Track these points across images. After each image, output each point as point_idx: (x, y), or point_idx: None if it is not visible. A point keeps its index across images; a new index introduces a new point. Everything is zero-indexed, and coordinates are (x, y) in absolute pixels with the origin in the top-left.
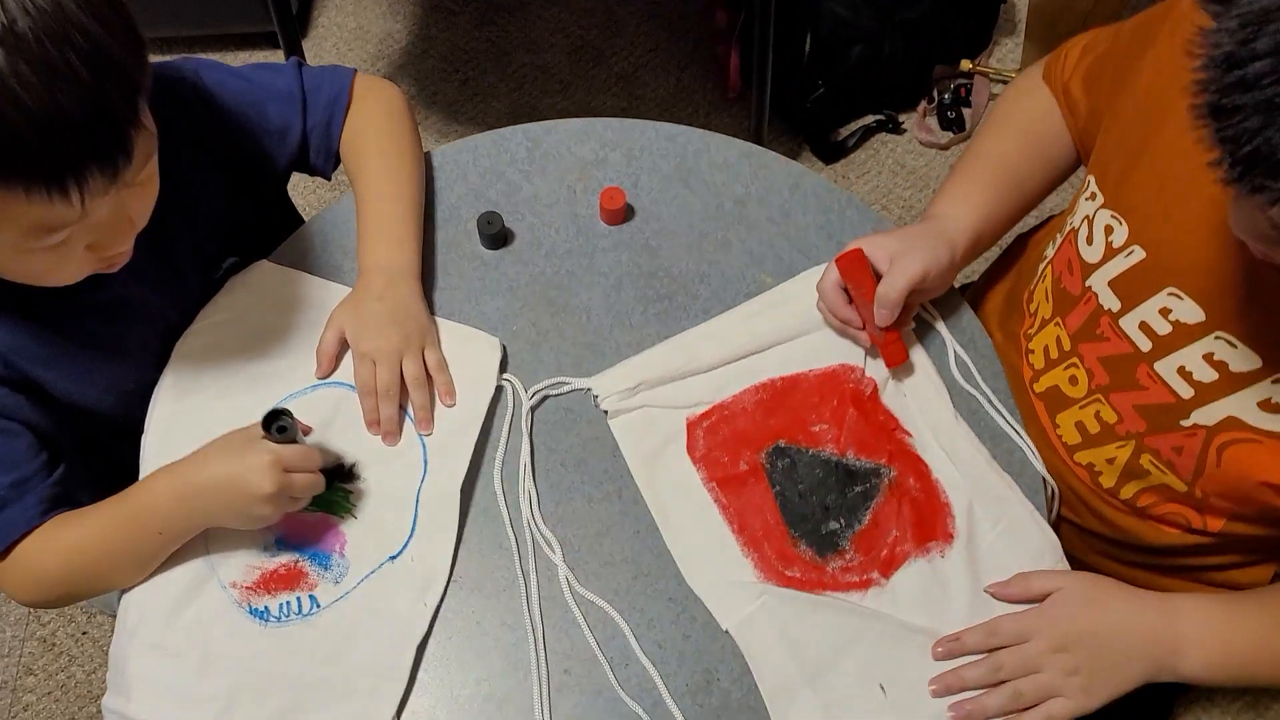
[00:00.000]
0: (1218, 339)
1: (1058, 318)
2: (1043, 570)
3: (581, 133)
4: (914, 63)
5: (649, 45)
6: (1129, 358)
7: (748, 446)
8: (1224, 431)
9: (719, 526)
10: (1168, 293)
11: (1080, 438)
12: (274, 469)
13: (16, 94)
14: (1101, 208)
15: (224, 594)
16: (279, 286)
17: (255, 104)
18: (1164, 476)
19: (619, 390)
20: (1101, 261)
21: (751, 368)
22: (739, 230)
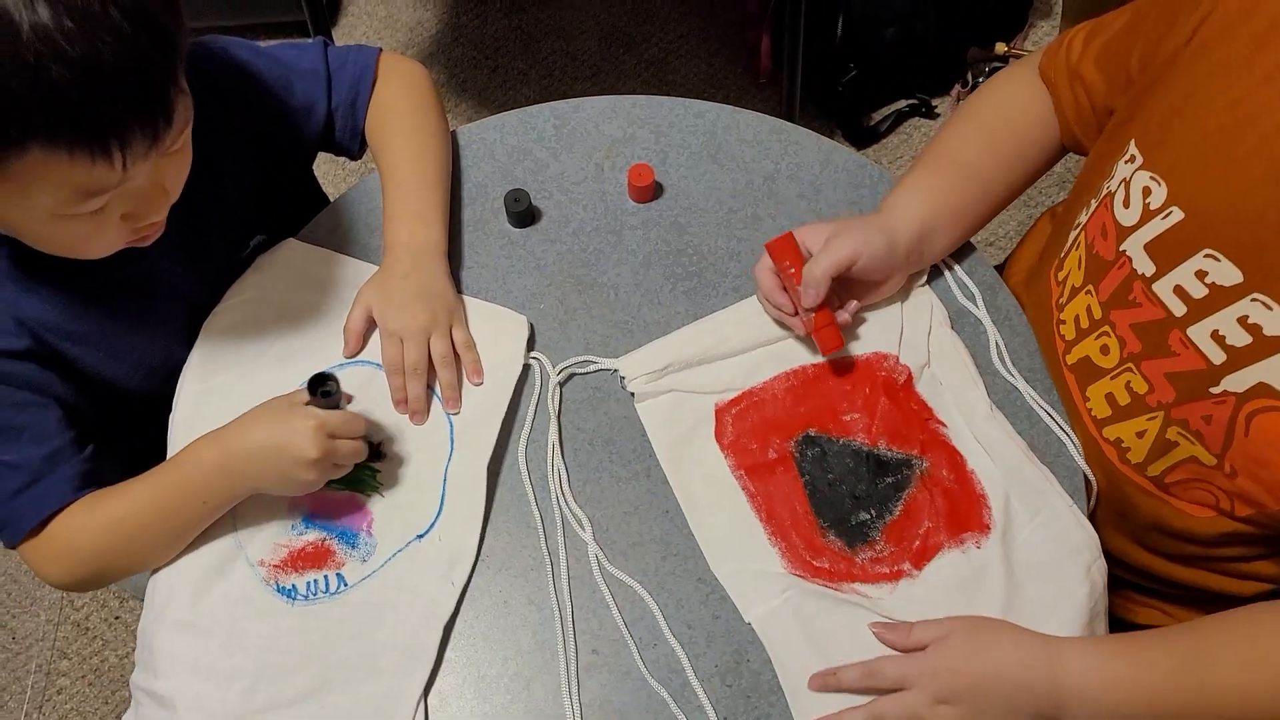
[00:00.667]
0: (1254, 301)
1: (1089, 285)
2: (927, 620)
3: (609, 110)
4: (948, 45)
5: (679, 31)
6: (1162, 324)
7: (777, 434)
8: (1254, 399)
9: (746, 514)
10: (1204, 254)
11: (1110, 410)
12: (319, 433)
13: (61, 47)
14: (1140, 169)
15: (252, 572)
16: (306, 265)
17: (281, 81)
18: (1192, 448)
19: (646, 372)
20: (1138, 225)
21: (782, 353)
22: (769, 206)
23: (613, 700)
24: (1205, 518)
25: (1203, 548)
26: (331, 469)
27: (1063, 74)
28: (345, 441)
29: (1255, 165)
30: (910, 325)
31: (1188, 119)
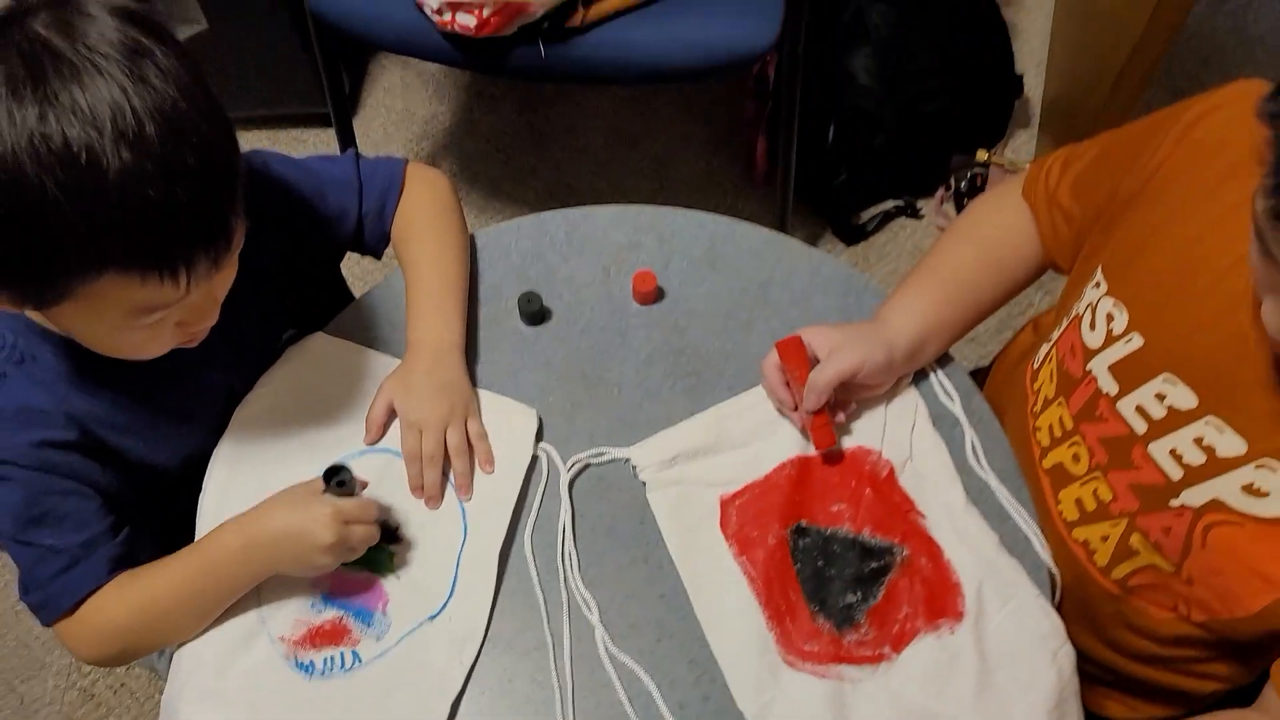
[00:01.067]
0: (1208, 424)
1: (1061, 398)
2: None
3: (617, 218)
4: (932, 152)
5: (682, 131)
6: (1125, 439)
7: (775, 522)
8: (1209, 513)
9: (747, 599)
10: (1163, 378)
11: (1079, 514)
12: (334, 520)
13: (142, 188)
14: (1105, 295)
15: (273, 647)
16: (333, 357)
17: (316, 191)
18: (1152, 557)
19: (657, 461)
20: (1102, 347)
21: (779, 446)
22: (763, 312)
23: None
24: (1165, 619)
25: (1162, 647)
26: (346, 553)
27: (1042, 200)
28: (359, 527)
29: (1209, 300)
30: (894, 422)
31: (1148, 253)
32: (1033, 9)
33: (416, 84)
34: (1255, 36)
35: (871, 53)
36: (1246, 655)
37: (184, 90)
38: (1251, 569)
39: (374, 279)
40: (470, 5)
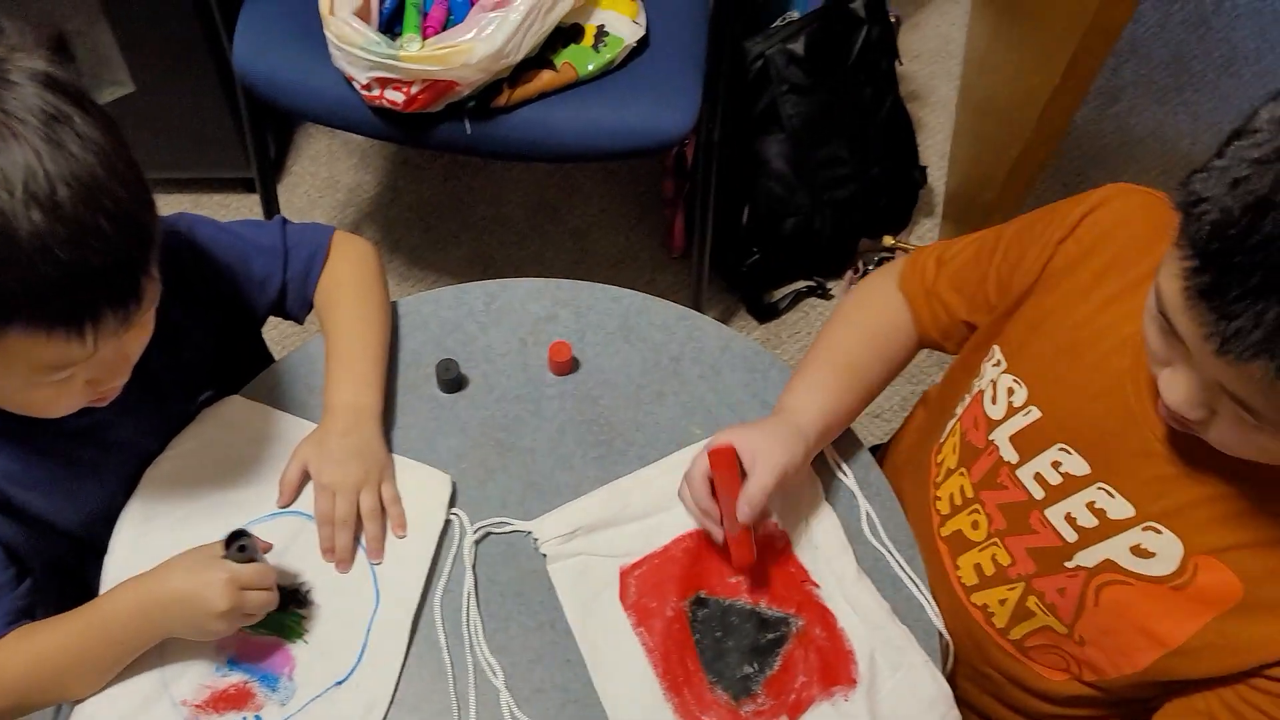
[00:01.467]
0: (1099, 489)
1: (963, 468)
2: None
3: (536, 291)
4: (842, 236)
5: (602, 206)
6: (1024, 505)
7: (674, 594)
8: (1101, 573)
9: (645, 671)
10: (1059, 448)
11: (977, 579)
12: (230, 586)
13: (52, 251)
14: (1004, 372)
15: (174, 711)
16: (248, 420)
17: (241, 257)
18: (1046, 619)
19: (558, 535)
20: (1004, 419)
21: (679, 518)
22: (674, 385)
23: None
24: (1059, 680)
25: (1056, 706)
26: (241, 619)
27: (920, 294)
28: (256, 593)
29: (1097, 378)
30: (789, 494)
31: (1043, 335)
32: (937, 106)
33: (342, 153)
34: (1136, 139)
35: (785, 140)
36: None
37: (101, 156)
38: (1140, 627)
39: (294, 342)
40: (399, 82)
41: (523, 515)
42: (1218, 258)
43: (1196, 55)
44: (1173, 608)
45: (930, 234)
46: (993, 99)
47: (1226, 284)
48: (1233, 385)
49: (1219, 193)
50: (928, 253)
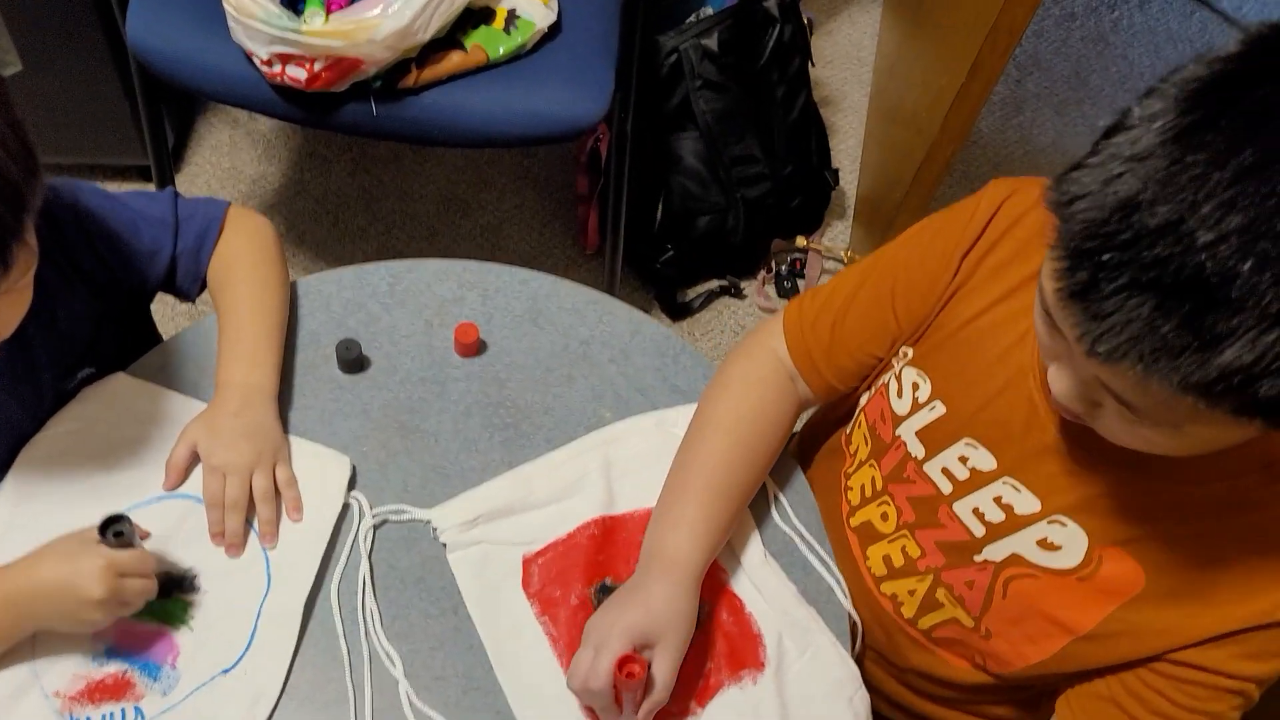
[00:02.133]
0: (1005, 484)
1: (873, 459)
2: None
3: (441, 272)
4: (755, 236)
5: (515, 202)
6: (932, 499)
7: (578, 581)
8: (1009, 567)
9: (550, 660)
10: (965, 443)
11: (886, 570)
12: (106, 574)
13: None
14: (908, 365)
15: (46, 703)
16: (133, 399)
17: (129, 226)
18: (954, 610)
19: (458, 523)
20: (909, 413)
21: (583, 505)
22: (583, 368)
23: None
24: (963, 669)
25: (960, 693)
26: (119, 608)
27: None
28: (134, 580)
29: (999, 372)
30: None
31: (944, 331)
32: (848, 111)
33: (245, 143)
34: (1038, 148)
35: (698, 137)
36: (1036, 701)
37: None
38: (1047, 616)
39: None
40: (301, 58)
41: (425, 499)
42: (1088, 257)
43: (1095, 70)
44: (1079, 597)
45: (842, 236)
46: (901, 104)
47: (1096, 284)
48: (1110, 382)
49: (1091, 191)
50: (813, 317)
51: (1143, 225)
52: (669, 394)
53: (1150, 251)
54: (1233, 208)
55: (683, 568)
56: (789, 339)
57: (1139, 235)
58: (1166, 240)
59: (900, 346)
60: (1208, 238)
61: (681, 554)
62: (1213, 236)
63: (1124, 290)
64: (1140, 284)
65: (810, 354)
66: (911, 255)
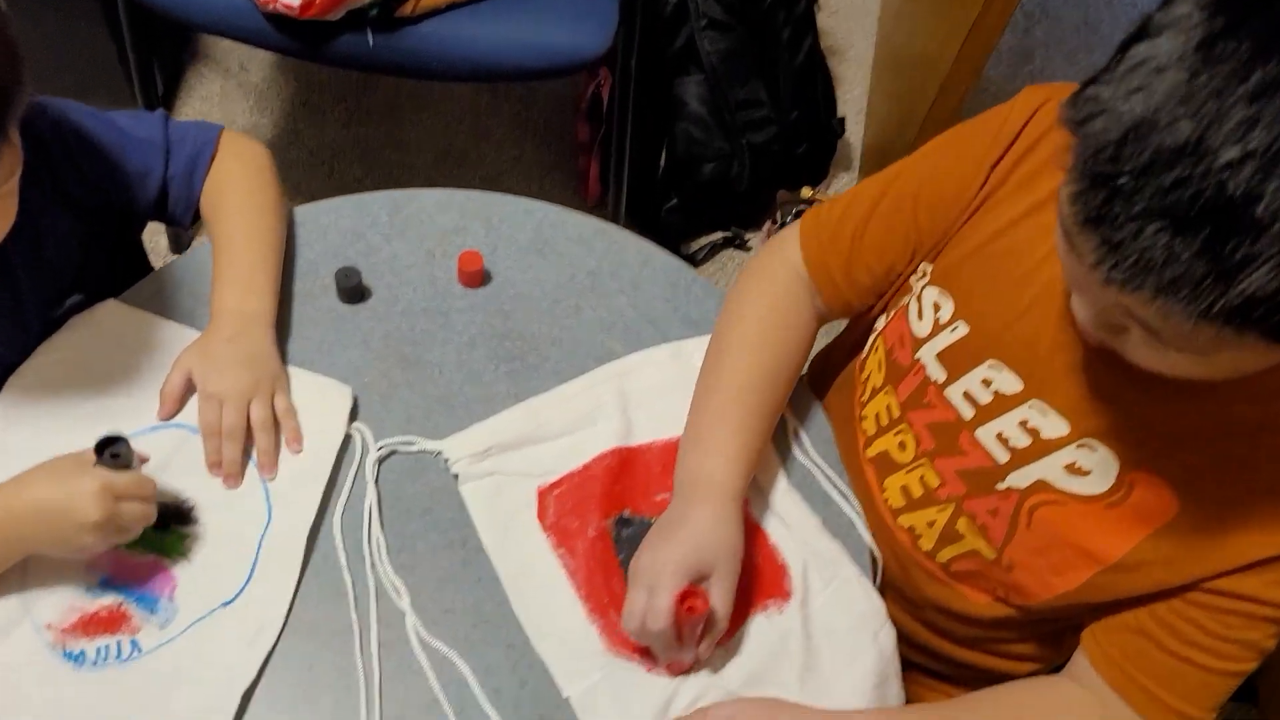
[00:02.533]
0: (1032, 407)
1: (889, 386)
2: (719, 703)
3: (443, 202)
4: (760, 185)
5: (514, 153)
6: (953, 425)
7: (595, 513)
8: (1034, 494)
9: (567, 593)
10: (988, 365)
11: (904, 501)
12: (103, 496)
13: None
14: (929, 285)
15: (37, 636)
16: (125, 327)
17: (116, 147)
18: (975, 541)
19: (469, 454)
20: (930, 335)
21: (599, 436)
22: (590, 299)
23: None
24: (984, 604)
25: (980, 630)
26: (116, 533)
27: (838, 269)
28: (132, 505)
29: (1027, 289)
30: None
31: (969, 246)
32: (854, 62)
33: (237, 94)
34: None
35: (703, 81)
36: (1059, 637)
37: None
38: (1074, 545)
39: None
40: None
41: (429, 431)
42: (1103, 181)
43: (1105, 19)
44: (1108, 525)
45: (848, 187)
46: (909, 50)
47: (1111, 210)
48: (1132, 308)
49: (1106, 108)
50: (831, 228)
51: (1161, 145)
52: (680, 325)
53: (1168, 174)
54: (1256, 124)
55: (724, 492)
56: (805, 252)
57: (1157, 156)
58: (1185, 161)
59: (920, 263)
60: (1229, 156)
61: (720, 478)
62: (1235, 155)
63: (1140, 217)
64: (1157, 210)
65: (828, 267)
66: (939, 164)
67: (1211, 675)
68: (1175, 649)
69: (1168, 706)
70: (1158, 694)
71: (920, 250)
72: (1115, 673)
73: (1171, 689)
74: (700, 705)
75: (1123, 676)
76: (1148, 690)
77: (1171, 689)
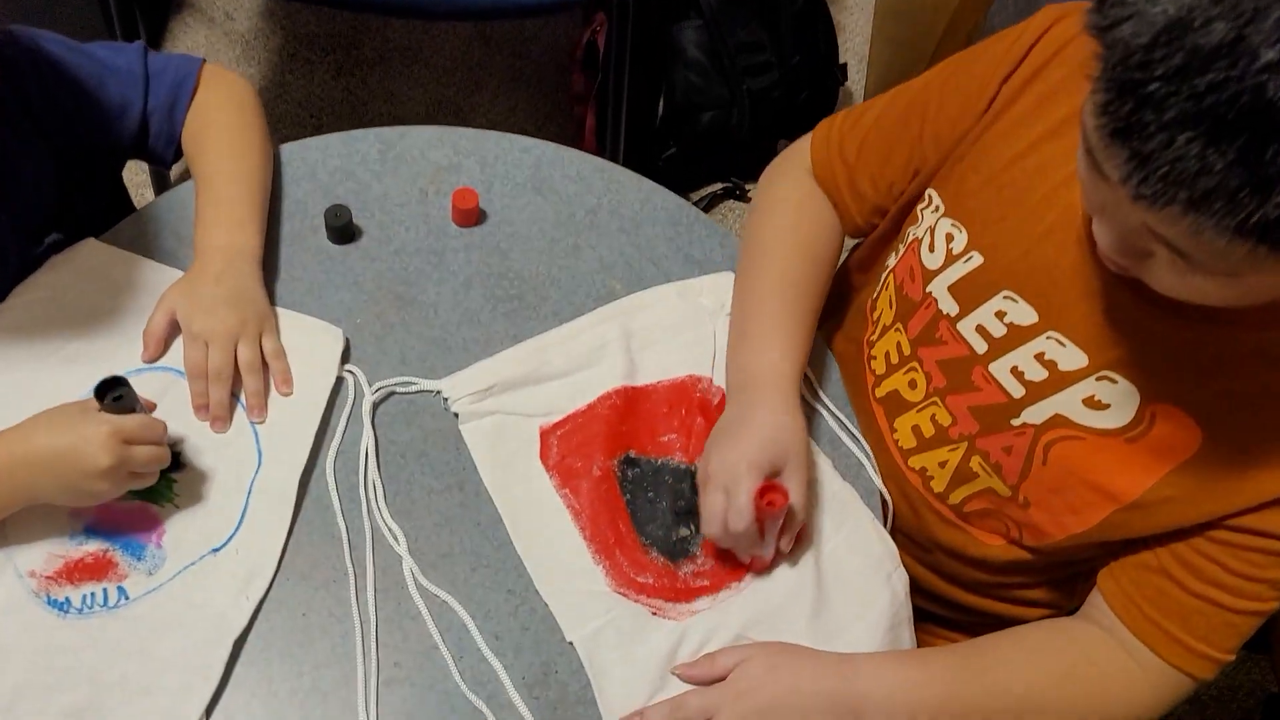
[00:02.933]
0: (1048, 339)
1: (899, 323)
2: (725, 649)
3: (436, 139)
4: (760, 134)
5: (508, 105)
6: (965, 360)
7: (600, 454)
8: (1051, 429)
9: (571, 534)
10: (1003, 296)
11: (915, 441)
12: (112, 440)
13: None
14: (943, 217)
15: (20, 583)
16: (106, 266)
17: (94, 78)
18: (990, 480)
19: (470, 393)
20: (942, 268)
21: (604, 375)
22: (590, 238)
23: (415, 714)
24: (997, 546)
25: (992, 575)
26: (128, 478)
27: (844, 184)
28: (144, 448)
29: (1045, 215)
30: (724, 350)
31: (983, 173)
32: (854, 10)
33: (223, 44)
34: None
35: (701, 27)
36: (1072, 582)
37: None
38: (1091, 483)
39: None
40: None
41: (426, 373)
42: (1133, 89)
43: None
44: (1128, 461)
45: None
46: None
47: (1141, 120)
48: (1159, 229)
49: (1136, 11)
50: (839, 136)
51: (1194, 47)
52: (683, 264)
53: (1203, 78)
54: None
55: (783, 384)
56: (815, 162)
57: (1190, 60)
58: (1221, 63)
59: (924, 185)
60: (1269, 57)
61: (777, 371)
62: (1275, 56)
63: (1173, 125)
64: (1191, 117)
65: (835, 177)
66: (949, 80)
67: (1234, 615)
68: (1196, 589)
69: (1188, 647)
70: (1178, 635)
71: (924, 169)
72: (1133, 613)
73: (1192, 630)
74: (708, 649)
75: (1141, 617)
76: (1168, 632)
77: (1192, 630)
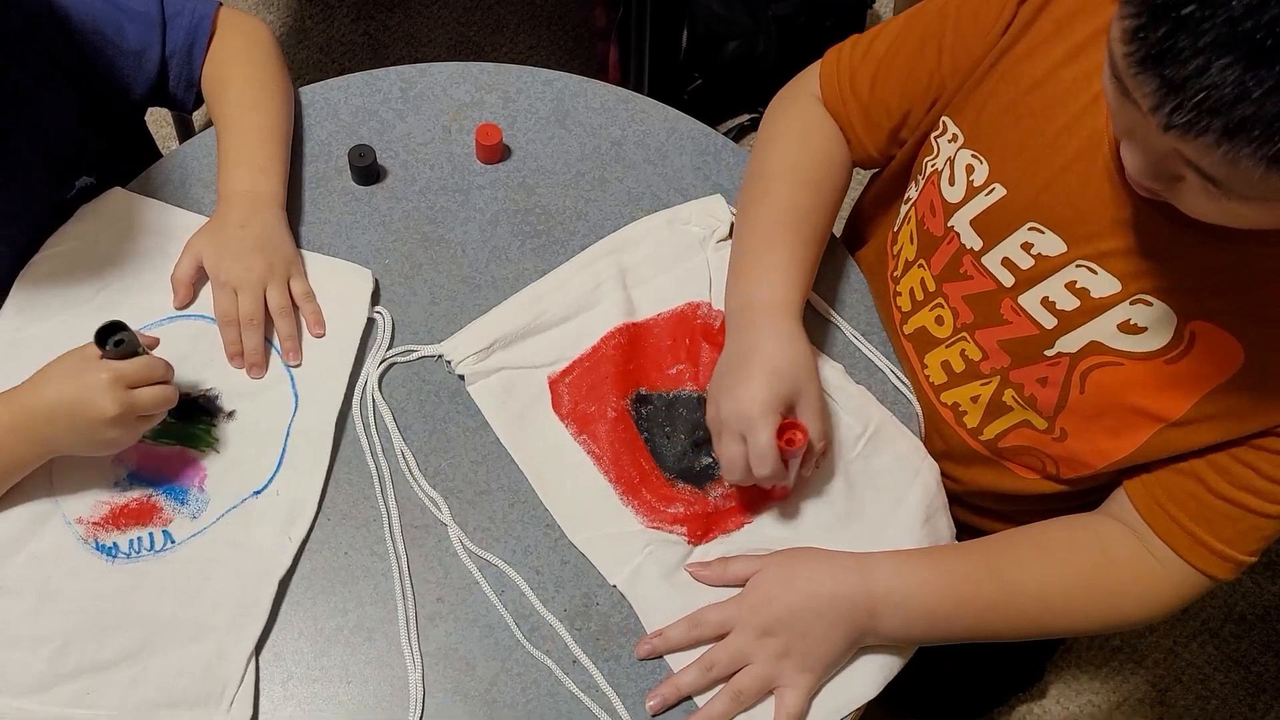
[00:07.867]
0: (1079, 267)
1: (921, 259)
2: (740, 555)
3: (457, 75)
4: (786, 63)
5: (529, 42)
6: (993, 294)
7: (612, 395)
8: (1087, 357)
9: (596, 479)
10: (1029, 227)
11: (946, 377)
12: (115, 387)
13: None
14: (962, 148)
15: (68, 530)
16: (133, 214)
17: (111, 21)
18: (1025, 413)
19: (473, 352)
20: (963, 201)
21: (602, 316)
22: (616, 170)
23: (459, 649)
24: (1030, 480)
25: (1019, 506)
26: (138, 423)
27: (857, 114)
28: (148, 390)
29: (1068, 143)
30: (720, 273)
31: (1001, 101)
32: None
33: None
34: None
35: None
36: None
37: None
38: (1132, 406)
39: None
40: None
41: (455, 312)
42: (1166, 12)
43: None
44: (1169, 382)
45: None
46: None
47: (1175, 45)
48: (1191, 156)
49: None
50: (850, 64)
51: None
52: (711, 193)
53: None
54: None
55: (786, 309)
56: (826, 92)
57: None
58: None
59: (940, 113)
60: None
61: (780, 296)
62: None
63: (1208, 50)
64: (1227, 41)
65: (846, 107)
66: (965, 2)
67: (1261, 519)
68: (1226, 493)
69: (1212, 549)
70: (1203, 537)
71: (942, 96)
72: (1159, 515)
73: (1218, 532)
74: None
75: (1167, 519)
76: (1193, 534)
77: (1218, 532)
